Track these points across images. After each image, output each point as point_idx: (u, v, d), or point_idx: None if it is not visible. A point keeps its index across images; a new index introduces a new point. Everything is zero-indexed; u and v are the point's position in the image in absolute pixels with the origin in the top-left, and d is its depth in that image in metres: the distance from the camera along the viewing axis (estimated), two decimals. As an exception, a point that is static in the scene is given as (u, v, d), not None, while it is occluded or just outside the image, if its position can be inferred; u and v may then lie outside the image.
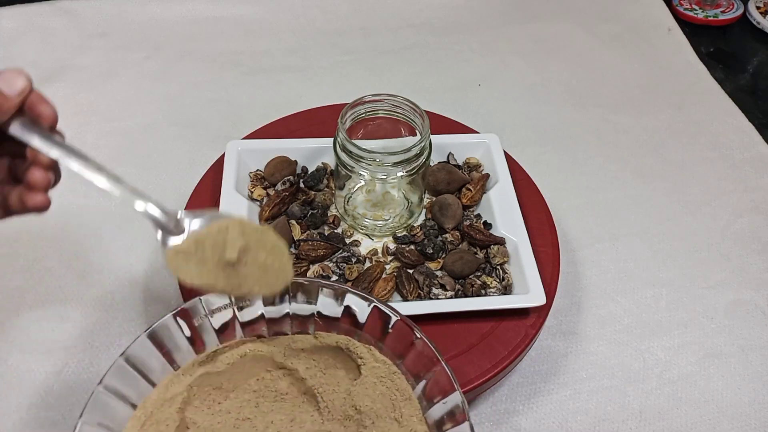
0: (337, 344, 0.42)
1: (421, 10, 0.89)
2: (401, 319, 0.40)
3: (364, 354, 0.41)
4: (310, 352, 0.42)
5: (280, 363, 0.42)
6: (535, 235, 0.53)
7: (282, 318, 0.43)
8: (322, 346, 0.42)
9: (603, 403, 0.51)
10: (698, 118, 0.77)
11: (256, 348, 0.42)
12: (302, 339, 0.43)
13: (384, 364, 0.41)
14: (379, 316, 0.41)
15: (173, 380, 0.40)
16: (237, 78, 0.78)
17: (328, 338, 0.42)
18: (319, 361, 0.42)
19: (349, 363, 0.42)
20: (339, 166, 0.52)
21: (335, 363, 0.42)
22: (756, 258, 0.62)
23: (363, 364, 0.41)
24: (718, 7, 0.92)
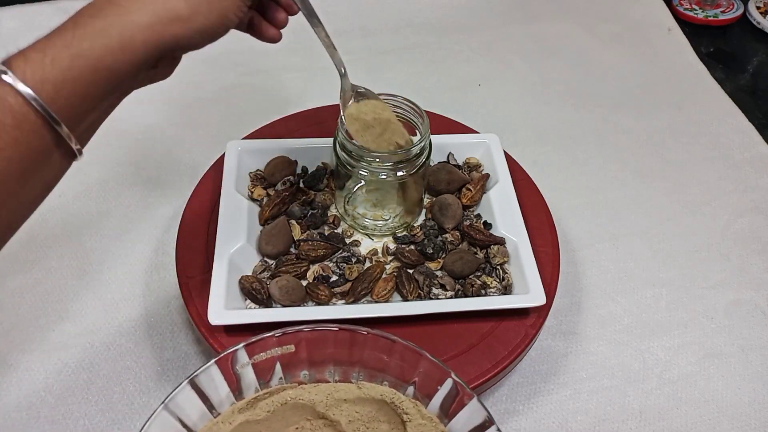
0: (381, 397, 0.40)
1: (421, 10, 0.89)
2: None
3: (410, 410, 0.40)
4: (353, 403, 0.41)
5: (322, 413, 0.40)
6: (535, 235, 0.53)
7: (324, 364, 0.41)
8: (365, 397, 0.41)
9: (603, 403, 0.51)
10: (698, 118, 0.77)
11: (297, 395, 0.41)
12: (345, 388, 0.41)
13: (431, 422, 0.39)
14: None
15: (212, 428, 0.39)
16: (237, 78, 0.78)
17: (372, 390, 0.41)
18: (362, 414, 0.41)
19: (394, 417, 0.40)
20: (339, 166, 0.52)
21: (379, 416, 0.41)
22: (756, 258, 0.62)
23: (409, 421, 0.39)
24: (718, 7, 0.92)
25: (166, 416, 0.37)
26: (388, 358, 0.41)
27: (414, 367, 0.40)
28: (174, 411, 0.37)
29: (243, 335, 0.47)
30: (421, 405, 0.40)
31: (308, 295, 0.50)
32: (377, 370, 0.41)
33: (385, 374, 0.41)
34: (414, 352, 0.40)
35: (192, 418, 0.38)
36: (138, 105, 0.73)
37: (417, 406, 0.40)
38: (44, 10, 0.83)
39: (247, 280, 0.49)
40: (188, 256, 0.51)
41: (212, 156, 0.60)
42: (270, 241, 0.52)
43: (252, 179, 0.57)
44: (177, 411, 0.37)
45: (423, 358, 0.39)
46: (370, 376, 0.42)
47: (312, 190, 0.57)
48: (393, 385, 0.41)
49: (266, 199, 0.56)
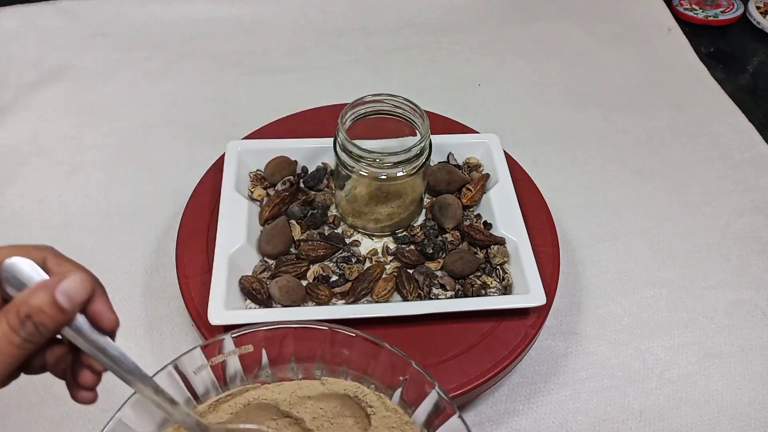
0: (345, 392, 0.40)
1: (421, 10, 0.89)
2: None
3: (374, 402, 0.39)
4: (317, 399, 0.40)
5: (286, 411, 0.40)
6: (535, 235, 0.53)
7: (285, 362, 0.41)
8: (329, 393, 0.40)
9: (603, 403, 0.51)
10: (698, 118, 0.77)
11: (260, 395, 0.40)
12: (308, 385, 0.40)
13: (395, 413, 0.39)
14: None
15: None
16: (237, 78, 0.78)
17: (336, 385, 0.40)
18: (327, 410, 0.40)
19: (358, 411, 0.40)
20: (339, 166, 0.52)
21: (343, 411, 0.40)
22: (756, 258, 0.62)
23: (373, 413, 0.39)
24: (718, 7, 0.92)
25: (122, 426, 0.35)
26: (348, 351, 0.40)
27: (374, 358, 0.39)
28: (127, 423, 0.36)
29: (243, 335, 0.47)
30: (386, 397, 0.39)
31: (308, 295, 0.50)
32: (338, 365, 0.41)
33: (347, 368, 0.41)
34: (373, 344, 0.39)
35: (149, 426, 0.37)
36: (138, 105, 0.74)
37: (381, 398, 0.39)
38: (44, 10, 0.83)
39: (247, 280, 0.49)
40: (188, 256, 0.52)
41: (212, 156, 0.60)
42: (270, 241, 0.52)
43: (252, 179, 0.57)
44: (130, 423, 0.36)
45: (383, 349, 0.39)
46: (333, 371, 0.41)
47: (312, 190, 0.57)
48: (356, 379, 0.41)
49: (266, 199, 0.56)
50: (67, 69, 0.77)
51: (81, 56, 0.79)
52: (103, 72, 0.77)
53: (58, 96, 0.74)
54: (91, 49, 0.80)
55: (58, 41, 0.80)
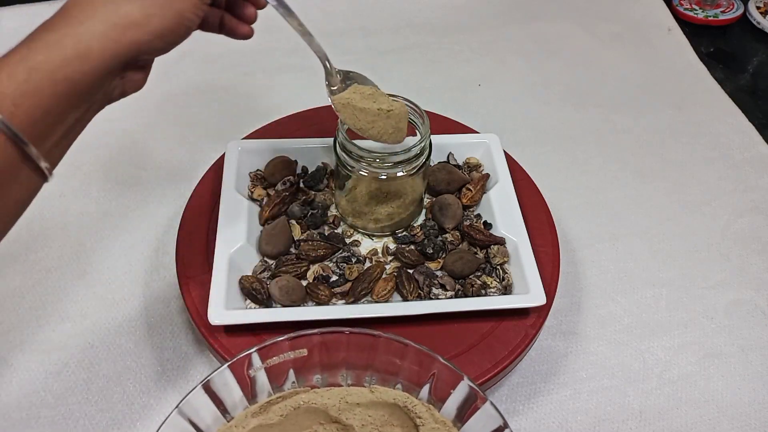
0: (394, 401, 0.40)
1: (421, 10, 0.89)
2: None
3: (423, 414, 0.39)
4: (366, 407, 0.41)
5: (335, 417, 0.40)
6: (535, 235, 0.53)
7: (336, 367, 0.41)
8: (378, 401, 0.40)
9: (603, 403, 0.51)
10: (698, 118, 0.77)
11: (310, 399, 0.40)
12: (358, 392, 0.41)
13: (444, 425, 0.39)
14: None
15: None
16: (237, 78, 0.78)
17: (385, 394, 0.40)
18: (375, 418, 0.40)
19: (407, 421, 0.40)
20: (339, 166, 0.52)
21: (391, 420, 0.41)
22: (756, 258, 0.62)
23: (422, 425, 0.39)
24: (718, 7, 0.92)
25: (179, 420, 0.37)
26: (400, 361, 0.40)
27: (427, 370, 0.40)
28: (187, 414, 0.37)
29: (243, 335, 0.47)
30: (434, 409, 0.40)
31: (308, 295, 0.50)
32: (390, 374, 0.41)
33: (398, 378, 0.41)
34: (427, 355, 0.39)
35: (206, 421, 0.38)
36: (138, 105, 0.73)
37: (430, 410, 0.40)
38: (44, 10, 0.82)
39: (247, 280, 0.49)
40: (188, 256, 0.51)
41: (212, 156, 0.60)
42: (270, 241, 0.52)
43: (252, 179, 0.57)
44: (190, 414, 0.37)
45: (435, 361, 0.39)
46: (383, 380, 0.41)
47: (312, 190, 0.57)
48: (406, 389, 0.41)
49: (266, 199, 0.56)
50: (67, 69, 0.77)
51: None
52: (103, 72, 0.77)
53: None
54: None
55: (58, 41, 0.80)
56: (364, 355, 0.41)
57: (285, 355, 0.40)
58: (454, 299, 0.50)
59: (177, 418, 0.37)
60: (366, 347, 0.41)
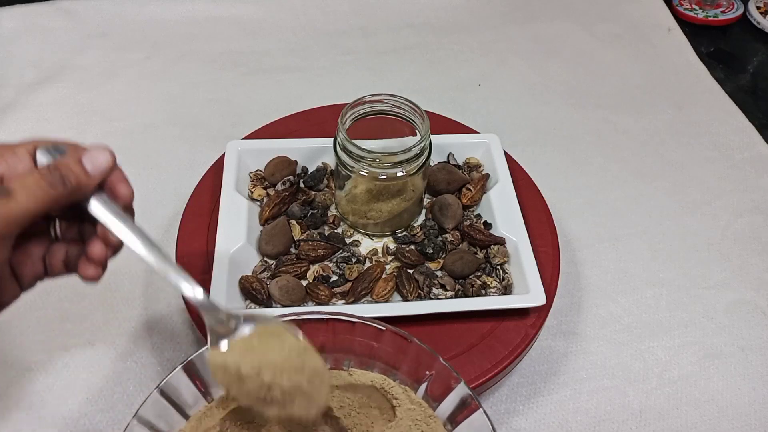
0: (372, 383, 0.41)
1: (421, 10, 0.89)
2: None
3: (400, 395, 0.40)
4: (344, 389, 0.41)
5: None
6: (535, 235, 0.53)
7: None
8: (356, 384, 0.41)
9: (603, 403, 0.51)
10: (698, 118, 0.77)
11: None
12: (336, 375, 0.42)
13: (420, 406, 0.40)
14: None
15: (206, 413, 0.39)
16: (237, 78, 0.78)
17: (363, 376, 0.41)
18: (353, 400, 0.41)
19: (384, 403, 0.41)
20: (339, 166, 0.52)
21: (369, 402, 0.41)
22: (756, 258, 0.62)
23: (398, 406, 0.40)
24: (718, 7, 0.92)
25: (159, 398, 0.37)
26: (377, 344, 0.41)
27: (403, 353, 0.40)
28: (168, 393, 0.38)
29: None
30: (411, 390, 0.41)
31: (308, 295, 0.50)
32: (367, 357, 0.42)
33: (374, 361, 0.42)
34: (402, 338, 0.40)
35: (187, 401, 0.39)
36: (138, 105, 0.74)
37: (406, 392, 0.40)
38: (44, 10, 0.83)
39: (247, 280, 0.49)
40: (188, 256, 0.52)
41: (212, 156, 0.60)
42: (270, 241, 0.52)
43: (252, 179, 0.57)
44: (170, 393, 0.38)
45: (411, 344, 0.40)
46: (361, 363, 0.42)
47: (312, 190, 0.57)
48: (383, 372, 0.42)
49: (266, 199, 0.56)
50: (67, 69, 0.77)
51: (81, 56, 0.79)
52: (103, 72, 0.77)
53: (58, 96, 0.74)
54: (91, 49, 0.80)
55: (58, 41, 0.80)
56: (341, 339, 0.42)
57: None
58: (454, 299, 0.50)
59: (156, 396, 0.37)
60: (344, 332, 0.41)
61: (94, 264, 0.36)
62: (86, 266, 0.36)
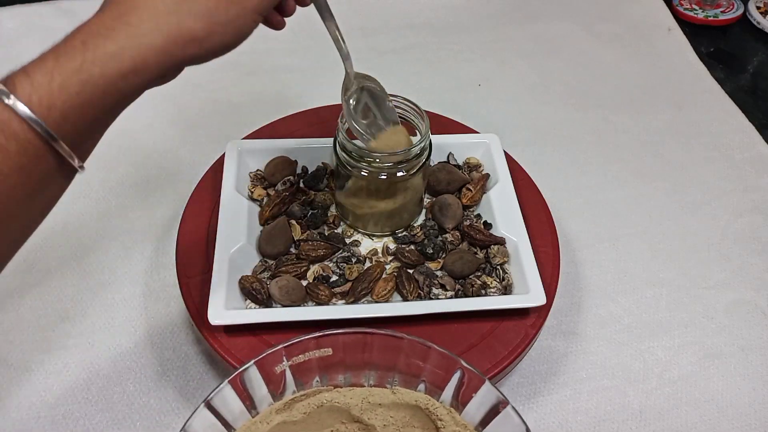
0: (416, 403, 0.41)
1: (421, 10, 0.89)
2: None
3: (444, 416, 0.40)
4: (388, 408, 0.41)
5: (357, 417, 0.41)
6: (535, 235, 0.53)
7: (360, 368, 0.42)
8: (400, 403, 0.41)
9: (603, 403, 0.51)
10: (698, 118, 0.77)
11: (333, 398, 0.41)
12: (380, 393, 0.41)
13: (465, 429, 0.39)
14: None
15: (251, 428, 0.39)
16: (237, 78, 0.78)
17: (407, 395, 0.41)
18: (397, 419, 0.41)
19: (428, 423, 0.41)
20: (339, 166, 0.52)
21: (413, 422, 0.41)
22: (756, 258, 0.62)
23: (443, 427, 0.40)
24: (718, 7, 0.92)
25: (207, 414, 0.37)
26: (423, 363, 0.41)
27: (449, 373, 0.40)
28: (215, 407, 0.38)
29: (243, 335, 0.47)
30: (455, 412, 0.40)
31: (308, 295, 0.50)
32: (412, 376, 0.41)
33: (420, 380, 0.41)
34: (449, 358, 0.40)
35: (233, 414, 0.39)
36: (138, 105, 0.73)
37: (451, 413, 0.40)
38: (44, 10, 0.83)
39: (247, 280, 0.49)
40: (188, 256, 0.51)
41: (212, 156, 0.60)
42: (270, 241, 0.52)
43: (252, 179, 0.57)
44: (218, 407, 0.38)
45: (458, 364, 0.40)
46: (406, 382, 0.42)
47: (312, 190, 0.57)
48: (429, 392, 0.41)
49: (266, 199, 0.56)
50: (67, 69, 0.77)
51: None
52: (103, 72, 0.77)
53: (58, 96, 0.74)
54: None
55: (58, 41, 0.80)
56: (387, 356, 0.41)
57: (310, 354, 0.41)
58: (454, 299, 0.50)
59: (204, 411, 0.37)
60: (389, 349, 0.41)
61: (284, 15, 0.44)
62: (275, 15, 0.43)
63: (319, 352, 0.41)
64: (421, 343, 0.40)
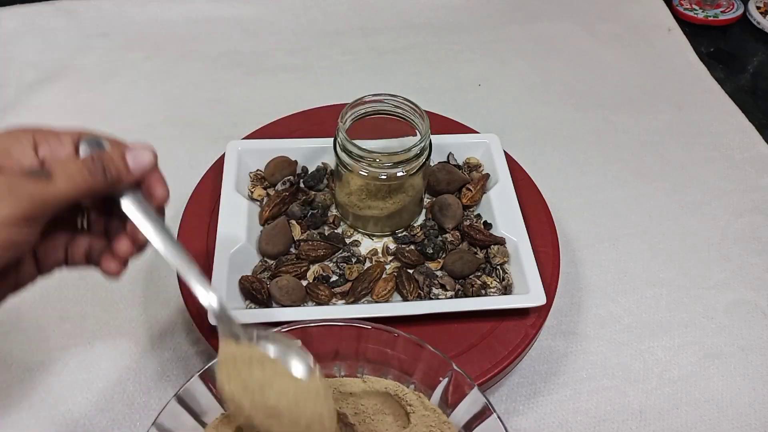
0: (386, 390, 0.41)
1: (421, 10, 0.89)
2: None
3: (414, 401, 0.40)
4: (359, 396, 0.42)
5: None
6: (535, 235, 0.53)
7: (330, 359, 0.42)
8: (370, 390, 0.41)
9: (603, 403, 0.51)
10: (698, 118, 0.77)
11: None
12: (350, 382, 0.42)
13: (434, 412, 0.40)
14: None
15: (222, 421, 0.39)
16: (237, 78, 0.78)
17: (377, 383, 0.41)
18: (368, 406, 0.41)
19: (398, 410, 0.41)
20: (339, 166, 0.52)
21: (384, 409, 0.41)
22: (756, 258, 0.62)
23: (412, 412, 0.40)
24: (718, 7, 0.92)
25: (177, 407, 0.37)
26: (391, 351, 0.41)
27: (416, 359, 0.41)
28: (186, 401, 0.38)
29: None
30: (425, 397, 0.41)
31: (308, 295, 0.50)
32: (381, 364, 0.42)
33: (388, 368, 0.42)
34: (415, 344, 0.40)
35: (203, 408, 0.39)
36: (138, 105, 0.74)
37: (420, 398, 0.41)
38: (44, 10, 0.83)
39: (247, 280, 0.49)
40: (188, 256, 0.51)
41: (212, 156, 0.60)
42: (270, 241, 0.52)
43: (252, 179, 0.57)
44: (189, 401, 0.38)
45: (424, 350, 0.40)
46: (375, 370, 0.42)
47: (312, 190, 0.57)
48: (396, 379, 0.42)
49: (266, 199, 0.56)
50: (67, 69, 0.77)
51: (81, 56, 0.79)
52: (103, 72, 0.77)
53: (58, 96, 0.74)
54: (91, 49, 0.80)
55: (58, 41, 0.80)
56: (355, 346, 0.42)
57: None
58: (454, 299, 0.50)
59: (174, 405, 0.37)
60: (357, 338, 0.41)
61: (118, 260, 0.37)
62: (109, 261, 0.37)
63: None
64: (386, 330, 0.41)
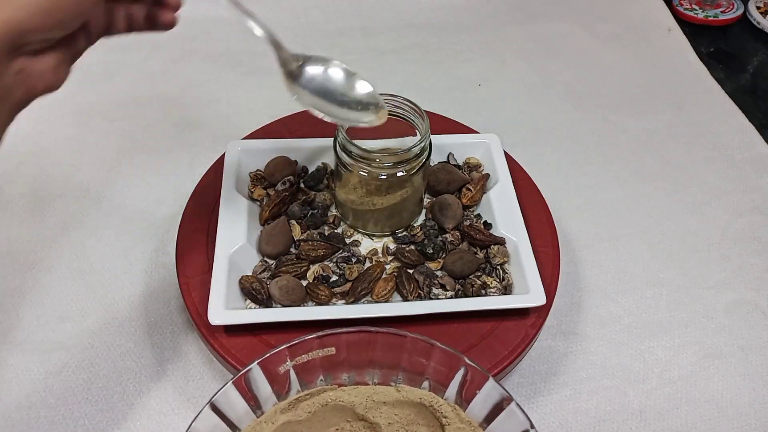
0: (420, 400, 0.41)
1: (421, 10, 0.89)
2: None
3: (449, 413, 0.40)
4: (392, 405, 0.41)
5: (361, 415, 0.41)
6: (535, 235, 0.53)
7: (364, 366, 0.42)
8: (404, 400, 0.41)
9: (603, 403, 0.51)
10: (698, 118, 0.77)
11: (337, 397, 0.41)
12: (384, 391, 0.41)
13: (469, 426, 0.39)
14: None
15: (255, 428, 0.39)
16: (237, 78, 0.78)
17: (412, 393, 0.41)
18: (402, 416, 0.41)
19: (433, 421, 0.41)
20: (339, 166, 0.52)
21: (417, 419, 0.41)
22: (756, 258, 0.62)
23: (447, 424, 0.40)
24: (718, 7, 0.92)
25: (211, 414, 0.37)
26: (427, 361, 0.41)
27: (452, 370, 0.40)
28: (219, 408, 0.38)
29: (243, 335, 0.47)
30: (460, 409, 0.40)
31: (308, 295, 0.50)
32: (417, 374, 0.42)
33: (424, 377, 0.41)
34: (452, 355, 0.40)
35: (238, 414, 0.39)
36: (138, 104, 0.74)
37: (456, 410, 0.40)
38: (44, 10, 0.83)
39: (247, 280, 0.49)
40: (188, 256, 0.52)
41: (212, 156, 0.60)
42: (270, 241, 0.52)
43: (252, 179, 0.57)
44: (222, 408, 0.38)
45: (461, 361, 0.40)
46: (410, 380, 0.42)
47: (312, 190, 0.57)
48: (433, 389, 0.41)
49: (266, 199, 0.56)
50: (67, 69, 0.77)
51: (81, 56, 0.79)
52: (103, 72, 0.77)
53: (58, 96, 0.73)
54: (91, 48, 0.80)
55: (58, 41, 0.80)
56: (391, 354, 0.41)
57: (313, 353, 0.41)
58: (454, 299, 0.50)
59: (208, 412, 0.37)
60: (393, 347, 0.41)
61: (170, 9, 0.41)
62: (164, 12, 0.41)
63: (322, 352, 0.41)
64: (424, 340, 0.40)
